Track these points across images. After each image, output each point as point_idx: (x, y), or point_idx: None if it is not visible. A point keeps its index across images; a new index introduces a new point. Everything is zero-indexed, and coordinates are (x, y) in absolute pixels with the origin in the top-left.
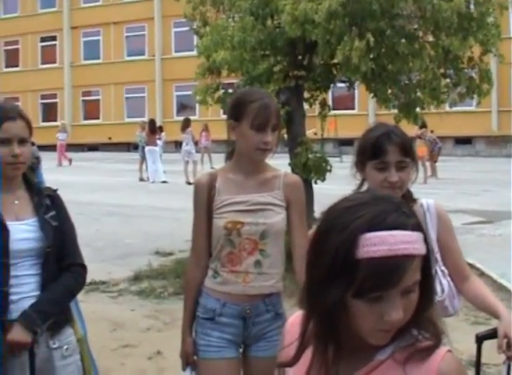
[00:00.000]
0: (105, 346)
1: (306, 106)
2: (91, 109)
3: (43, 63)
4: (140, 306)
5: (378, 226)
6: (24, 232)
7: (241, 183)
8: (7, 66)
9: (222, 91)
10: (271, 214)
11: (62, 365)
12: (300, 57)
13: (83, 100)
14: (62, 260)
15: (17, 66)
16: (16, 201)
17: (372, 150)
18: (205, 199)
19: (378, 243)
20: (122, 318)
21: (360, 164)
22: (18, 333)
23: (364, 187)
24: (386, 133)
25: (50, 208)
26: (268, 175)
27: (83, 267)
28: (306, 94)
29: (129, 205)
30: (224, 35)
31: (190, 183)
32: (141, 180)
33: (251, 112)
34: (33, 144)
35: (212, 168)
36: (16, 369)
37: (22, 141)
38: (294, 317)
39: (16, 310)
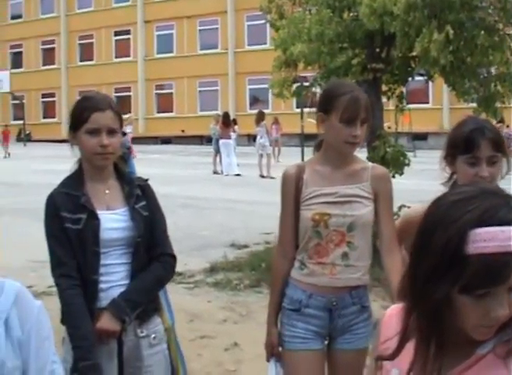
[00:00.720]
0: (183, 337)
1: (383, 99)
2: (165, 102)
3: (117, 57)
4: (216, 298)
5: (489, 222)
6: (115, 221)
7: (329, 175)
8: (82, 60)
9: (297, 85)
10: (358, 206)
11: (149, 353)
12: (378, 50)
13: (156, 93)
14: (151, 250)
15: (92, 59)
16: (107, 191)
17: (465, 144)
18: (293, 191)
19: (489, 239)
20: (198, 309)
21: (450, 158)
22: (107, 322)
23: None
24: (480, 127)
25: (140, 198)
26: (356, 167)
27: (173, 257)
28: (383, 88)
29: (204, 198)
30: (301, 28)
31: (263, 177)
32: (215, 172)
33: (341, 105)
34: (124, 134)
35: (278, 162)
36: (104, 356)
37: (111, 132)
38: (391, 309)
39: (105, 298)
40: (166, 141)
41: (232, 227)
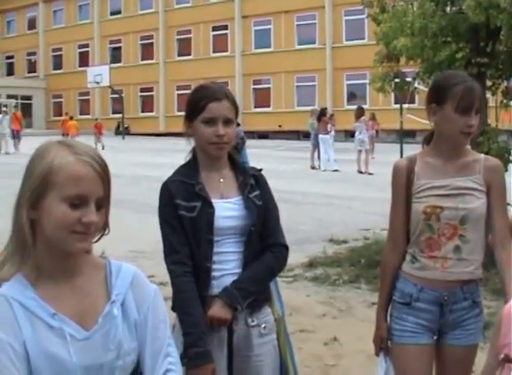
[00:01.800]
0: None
1: (487, 95)
2: (262, 97)
3: (214, 52)
4: (315, 292)
5: None
6: (229, 210)
7: (440, 168)
8: (179, 55)
9: (398, 80)
10: (471, 199)
11: (259, 343)
12: (482, 43)
13: (253, 88)
14: (264, 239)
15: (189, 54)
16: (222, 180)
17: None
18: (404, 183)
19: None
20: (297, 303)
21: None
22: (218, 309)
23: None
24: None
25: (254, 187)
26: (468, 159)
27: (285, 247)
28: (488, 83)
29: (301, 193)
30: (404, 21)
31: (361, 172)
32: (312, 167)
33: (456, 94)
34: (238, 124)
35: (373, 158)
36: (215, 344)
37: (227, 122)
38: (510, 305)
39: (217, 286)
40: (263, 135)
41: (330, 222)
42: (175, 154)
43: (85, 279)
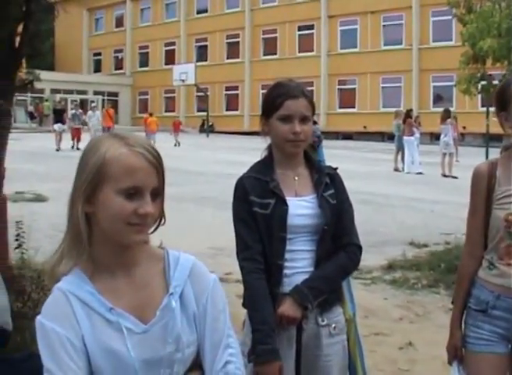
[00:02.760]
0: None
1: None
2: (347, 98)
3: (300, 51)
4: (393, 296)
5: None
6: (302, 208)
7: None
8: (265, 54)
9: (485, 82)
10: None
11: (328, 343)
12: None
13: (338, 88)
14: (337, 239)
15: (275, 54)
16: (296, 178)
17: None
18: (485, 188)
19: None
20: (374, 306)
21: None
22: (289, 307)
23: None
24: None
25: (329, 186)
26: None
27: (359, 248)
28: None
29: (383, 195)
30: (490, 22)
31: (445, 176)
32: (396, 170)
33: None
34: (315, 123)
35: (457, 161)
36: (283, 342)
37: (303, 119)
38: None
39: (288, 284)
40: (347, 136)
41: (411, 225)
42: (258, 152)
43: (143, 271)
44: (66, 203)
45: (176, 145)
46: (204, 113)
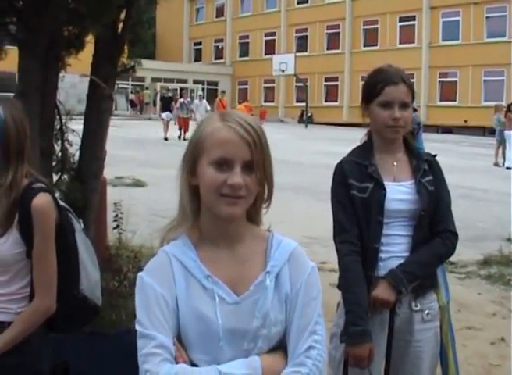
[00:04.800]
0: None
1: None
2: (448, 91)
3: (401, 43)
4: (487, 291)
5: None
6: (400, 193)
7: None
8: (365, 45)
9: None
10: None
11: (420, 328)
12: None
13: (439, 81)
14: (434, 225)
15: (376, 45)
16: (395, 163)
17: None
18: None
19: None
20: (467, 300)
21: None
22: (383, 291)
23: None
24: None
25: (427, 172)
26: None
27: (455, 235)
28: None
29: (482, 189)
30: None
31: None
32: (496, 164)
33: None
34: (415, 110)
35: None
36: (376, 325)
37: (403, 105)
38: None
39: (383, 268)
40: (447, 130)
41: (509, 221)
42: (357, 144)
43: (245, 247)
44: (165, 189)
45: None
46: (303, 104)
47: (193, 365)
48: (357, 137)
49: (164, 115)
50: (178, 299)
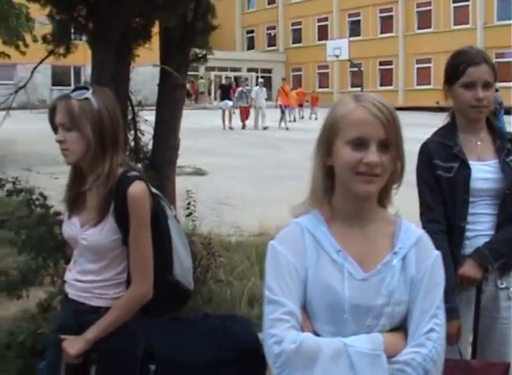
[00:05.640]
0: None
1: None
2: (504, 72)
3: (455, 24)
4: None
5: None
6: (485, 172)
7: None
8: (419, 28)
9: None
10: None
11: (506, 306)
12: None
13: (496, 62)
14: None
15: (429, 27)
16: (479, 143)
17: None
18: None
19: None
20: None
21: None
22: (470, 268)
23: None
24: None
25: (510, 151)
26: None
27: None
28: None
29: None
30: None
31: None
32: None
33: None
34: (496, 90)
35: None
36: (463, 302)
37: (486, 85)
38: None
39: (469, 246)
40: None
41: None
42: (414, 128)
43: (375, 228)
44: (225, 177)
45: (310, 118)
46: (358, 89)
47: (316, 335)
48: (414, 120)
49: (222, 103)
50: (308, 270)
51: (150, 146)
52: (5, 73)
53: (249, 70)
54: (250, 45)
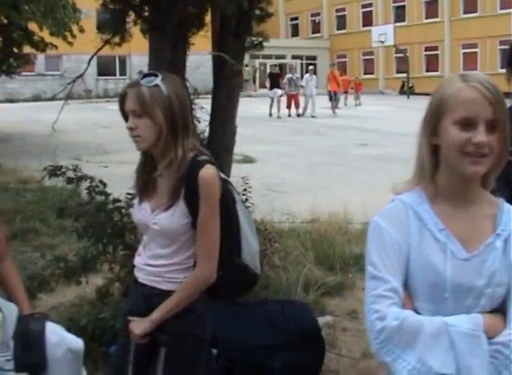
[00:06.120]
0: None
1: None
2: None
3: (502, 8)
4: None
5: None
6: None
7: None
8: (465, 13)
9: None
10: None
11: None
12: None
13: None
14: None
15: (475, 11)
16: None
17: None
18: None
19: None
20: None
21: None
22: None
23: None
24: None
25: None
26: None
27: None
28: None
29: None
30: None
31: None
32: None
33: None
34: None
35: None
36: None
37: None
38: None
39: None
40: None
41: None
42: None
43: (478, 209)
44: (274, 164)
45: (356, 105)
46: (403, 75)
47: (417, 313)
48: None
49: (272, 92)
50: (410, 248)
51: (206, 133)
52: (51, 64)
53: (293, 58)
54: (295, 32)
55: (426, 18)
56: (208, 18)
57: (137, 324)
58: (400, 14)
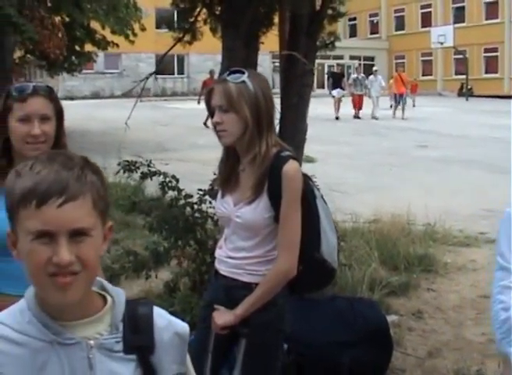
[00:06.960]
0: None
1: None
2: None
3: None
4: None
5: None
6: None
7: None
8: None
9: None
10: None
11: None
12: None
13: None
14: None
15: None
16: None
17: None
18: None
19: None
20: None
21: None
22: None
23: None
24: None
25: None
26: None
27: None
28: None
29: None
30: None
31: None
32: None
33: None
34: None
35: None
36: None
37: None
38: None
39: None
40: None
41: None
42: None
43: None
44: (334, 165)
45: (414, 106)
46: (462, 76)
47: None
48: None
49: (335, 92)
50: None
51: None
52: (110, 62)
53: (351, 58)
54: (353, 33)
55: (486, 19)
56: (276, 18)
57: (221, 315)
58: (459, 15)
